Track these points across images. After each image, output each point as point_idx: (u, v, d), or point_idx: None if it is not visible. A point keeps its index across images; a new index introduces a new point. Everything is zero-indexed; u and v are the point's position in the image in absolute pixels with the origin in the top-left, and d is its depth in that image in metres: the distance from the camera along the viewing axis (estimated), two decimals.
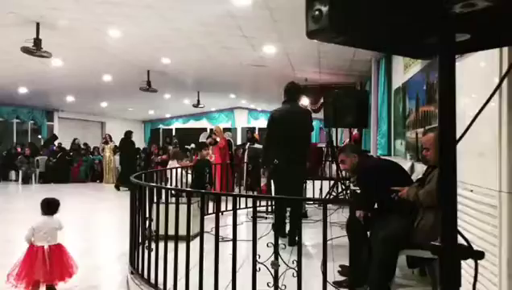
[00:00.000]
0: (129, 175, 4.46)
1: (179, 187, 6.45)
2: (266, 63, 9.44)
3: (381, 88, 7.65)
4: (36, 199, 4.23)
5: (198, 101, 15.97)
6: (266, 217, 6.59)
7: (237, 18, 6.56)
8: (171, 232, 3.27)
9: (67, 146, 15.72)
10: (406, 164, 4.93)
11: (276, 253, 2.67)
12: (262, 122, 20.82)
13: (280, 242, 2.77)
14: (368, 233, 3.67)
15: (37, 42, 7.64)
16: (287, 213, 5.23)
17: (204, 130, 18.81)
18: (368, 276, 3.07)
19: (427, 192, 2.87)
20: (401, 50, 1.42)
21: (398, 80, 6.62)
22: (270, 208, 6.84)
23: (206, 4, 6.12)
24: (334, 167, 8.40)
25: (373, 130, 8.28)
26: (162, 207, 3.44)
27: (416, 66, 5.09)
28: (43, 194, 4.43)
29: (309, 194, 7.65)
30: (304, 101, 10.21)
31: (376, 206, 3.34)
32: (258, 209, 6.55)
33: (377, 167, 3.65)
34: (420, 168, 4.51)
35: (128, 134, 12.73)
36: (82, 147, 15.93)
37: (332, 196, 7.86)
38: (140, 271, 3.65)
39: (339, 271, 3.73)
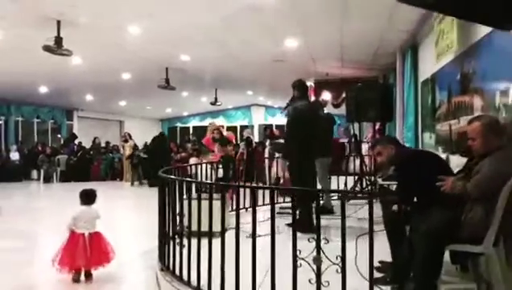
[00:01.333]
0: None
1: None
2: (287, 57, 9.30)
3: (407, 80, 7.47)
4: (59, 197, 4.33)
5: (216, 98, 15.91)
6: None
7: (259, 11, 6.44)
8: (203, 228, 3.20)
9: (86, 145, 15.82)
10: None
11: (318, 248, 2.56)
12: (279, 119, 20.66)
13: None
14: (407, 228, 3.55)
15: (58, 40, 7.64)
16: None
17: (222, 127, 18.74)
18: (409, 273, 2.94)
19: (476, 183, 2.72)
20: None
21: (427, 71, 6.43)
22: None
23: None
24: (358, 162, 8.23)
25: (399, 123, 8.09)
26: (193, 203, 3.36)
27: (448, 56, 4.92)
28: (66, 193, 4.52)
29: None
30: (326, 96, 10.06)
31: (416, 199, 3.18)
32: (283, 204, 6.54)
33: (417, 158, 3.48)
34: (456, 161, 4.35)
35: (163, 133, 13.22)
36: (103, 145, 16.00)
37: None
38: (171, 268, 3.57)
39: (377, 268, 3.59)
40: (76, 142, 15.86)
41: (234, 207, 3.42)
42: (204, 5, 6.34)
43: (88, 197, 4.15)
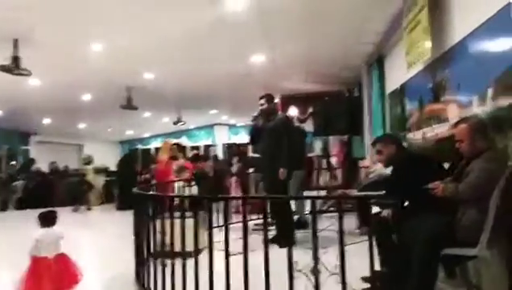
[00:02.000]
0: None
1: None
2: (253, 73, 9.28)
3: (375, 92, 7.57)
4: (16, 226, 4.23)
5: (178, 118, 15.66)
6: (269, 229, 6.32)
7: (226, 25, 6.38)
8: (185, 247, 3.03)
9: (45, 170, 15.14)
10: None
11: (316, 258, 2.44)
12: (242, 138, 20.62)
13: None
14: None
15: (15, 59, 7.30)
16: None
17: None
18: (401, 280, 2.87)
19: (467, 185, 2.70)
20: None
21: (394, 82, 6.53)
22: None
23: (196, 11, 5.93)
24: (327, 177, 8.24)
25: (367, 136, 8.17)
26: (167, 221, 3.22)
27: (419, 65, 5.00)
28: (25, 220, 4.41)
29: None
30: (292, 111, 10.08)
31: (409, 203, 3.13)
32: (256, 221, 6.39)
33: (416, 161, 3.40)
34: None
35: (130, 154, 12.83)
36: (60, 169, 15.34)
37: (326, 207, 7.67)
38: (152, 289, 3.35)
39: (365, 278, 3.51)
40: (34, 167, 15.15)
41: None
42: (172, 18, 6.21)
43: (46, 219, 3.98)
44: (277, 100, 10.76)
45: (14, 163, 16.84)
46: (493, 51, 3.41)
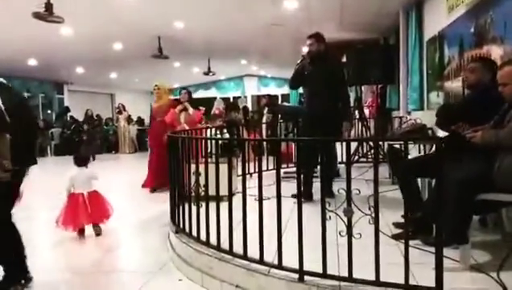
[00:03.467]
0: None
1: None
2: (284, 21, 9.05)
3: (412, 40, 7.29)
4: (53, 171, 4.82)
5: (209, 68, 15.59)
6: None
7: None
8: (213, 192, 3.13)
9: (79, 118, 15.52)
10: None
11: (349, 199, 2.44)
12: (271, 89, 20.47)
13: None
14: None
15: (48, 6, 7.34)
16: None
17: (215, 98, 18.54)
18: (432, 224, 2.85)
19: (510, 131, 2.60)
20: None
21: (434, 28, 6.26)
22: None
23: None
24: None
25: (403, 84, 7.96)
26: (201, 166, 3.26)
27: (460, 9, 4.75)
28: (61, 166, 4.89)
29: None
30: None
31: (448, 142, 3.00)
32: (286, 169, 6.42)
33: (497, 100, 2.95)
34: None
35: None
36: (95, 117, 15.70)
37: (356, 158, 7.59)
38: (187, 230, 3.45)
39: (396, 224, 3.52)
40: (69, 115, 15.56)
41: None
42: None
43: (80, 160, 4.46)
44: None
45: (49, 111, 17.32)
46: None
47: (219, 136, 6.46)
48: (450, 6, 4.91)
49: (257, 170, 2.90)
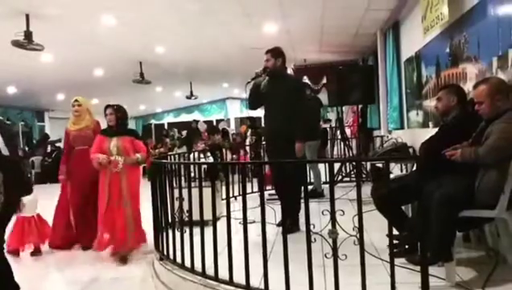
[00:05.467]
0: None
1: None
2: (265, 44, 9.13)
3: (390, 60, 7.46)
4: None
5: (191, 92, 15.63)
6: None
7: None
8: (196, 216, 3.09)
9: (61, 146, 15.32)
10: (428, 133, 4.72)
11: (333, 220, 2.44)
12: (254, 111, 20.51)
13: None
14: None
15: (28, 34, 7.30)
16: None
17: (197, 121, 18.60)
18: (419, 242, 2.86)
19: (489, 148, 2.65)
20: None
21: (411, 49, 6.41)
22: None
23: None
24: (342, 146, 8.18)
25: (383, 104, 8.08)
26: (185, 191, 3.23)
27: (436, 30, 4.88)
28: (43, 195, 4.81)
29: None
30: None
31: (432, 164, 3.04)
32: (270, 191, 6.40)
33: (472, 121, 3.05)
34: None
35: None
36: None
37: (340, 177, 7.63)
38: (172, 256, 3.40)
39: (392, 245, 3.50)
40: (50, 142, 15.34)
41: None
42: None
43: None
44: (290, 70, 10.71)
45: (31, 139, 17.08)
46: None
47: (203, 160, 6.40)
48: (426, 27, 5.04)
49: (241, 193, 2.89)
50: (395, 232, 3.06)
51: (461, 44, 4.29)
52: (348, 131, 9.12)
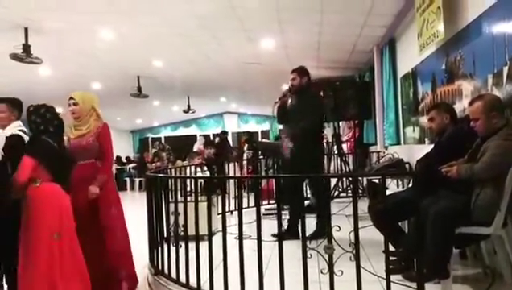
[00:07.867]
0: None
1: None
2: (262, 59, 9.22)
3: (386, 76, 7.50)
4: None
5: (188, 106, 15.65)
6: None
7: (237, 8, 6.33)
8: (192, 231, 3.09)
9: None
10: (424, 149, 4.74)
11: (329, 236, 2.44)
12: (251, 126, 20.64)
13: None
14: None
15: (26, 47, 7.33)
16: None
17: (195, 137, 18.60)
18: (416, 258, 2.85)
19: (485, 164, 2.66)
20: None
21: (407, 65, 6.46)
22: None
23: None
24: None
25: (379, 120, 8.11)
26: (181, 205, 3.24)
27: (432, 47, 4.93)
28: None
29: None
30: None
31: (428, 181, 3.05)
32: (266, 206, 6.39)
33: (464, 141, 3.12)
34: None
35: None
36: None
37: (336, 193, 7.61)
38: (166, 271, 3.37)
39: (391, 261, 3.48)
40: None
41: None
42: (176, 6, 6.18)
43: None
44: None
45: None
46: (509, 29, 3.34)
47: (199, 174, 6.39)
48: (421, 44, 5.08)
49: (237, 207, 2.88)
50: (392, 248, 3.07)
51: (457, 61, 4.33)
52: (344, 147, 9.12)
